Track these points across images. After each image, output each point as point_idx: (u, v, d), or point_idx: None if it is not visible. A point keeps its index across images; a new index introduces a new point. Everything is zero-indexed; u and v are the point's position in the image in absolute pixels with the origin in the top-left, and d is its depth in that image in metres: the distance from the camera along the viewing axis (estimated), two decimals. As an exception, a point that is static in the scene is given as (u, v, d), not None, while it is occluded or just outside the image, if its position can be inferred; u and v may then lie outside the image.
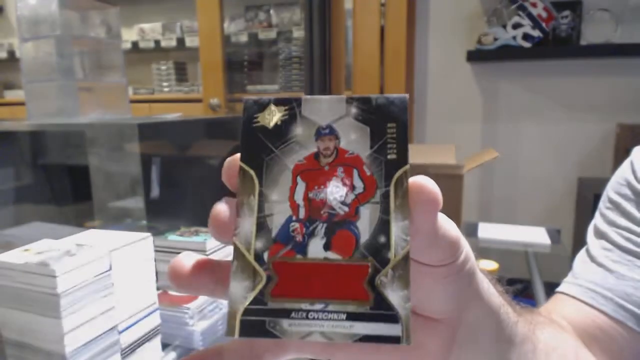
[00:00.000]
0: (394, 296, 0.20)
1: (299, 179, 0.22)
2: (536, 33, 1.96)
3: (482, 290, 0.26)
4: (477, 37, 2.06)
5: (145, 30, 2.98)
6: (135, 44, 2.94)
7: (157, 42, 2.92)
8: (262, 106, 0.23)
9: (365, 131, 0.22)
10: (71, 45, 1.23)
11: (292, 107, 0.23)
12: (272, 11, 2.62)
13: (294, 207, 0.21)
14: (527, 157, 2.13)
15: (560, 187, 2.10)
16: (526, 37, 1.97)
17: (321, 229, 0.21)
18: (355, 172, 0.22)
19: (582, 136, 2.05)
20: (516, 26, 1.97)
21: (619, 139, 1.94)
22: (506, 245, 1.40)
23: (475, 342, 0.27)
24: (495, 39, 2.01)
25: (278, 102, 0.23)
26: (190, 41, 2.84)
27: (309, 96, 0.23)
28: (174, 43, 2.90)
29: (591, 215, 0.56)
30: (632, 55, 1.90)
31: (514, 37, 1.98)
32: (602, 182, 0.59)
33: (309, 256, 0.21)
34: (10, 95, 3.35)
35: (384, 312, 0.20)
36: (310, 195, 0.22)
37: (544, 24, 1.95)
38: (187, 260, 0.22)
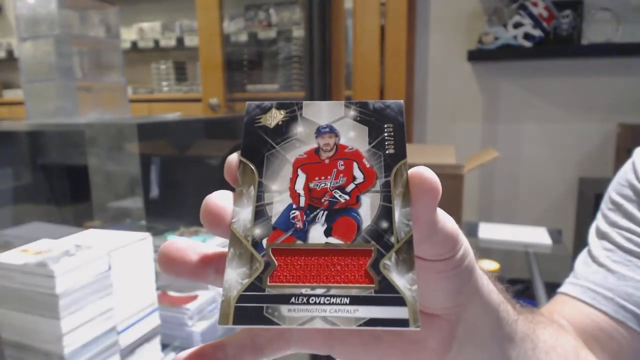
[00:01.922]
0: (400, 279, 0.19)
1: (299, 171, 0.22)
2: (537, 32, 1.95)
3: (481, 287, 0.26)
4: (477, 37, 2.06)
5: (144, 30, 2.97)
6: (134, 44, 2.94)
7: (156, 41, 2.91)
8: (264, 109, 0.24)
9: (364, 130, 0.23)
10: (70, 45, 1.23)
11: (293, 110, 0.24)
12: (271, 10, 2.62)
13: (295, 196, 0.21)
14: (528, 157, 2.13)
15: (561, 187, 2.10)
16: (527, 36, 1.97)
17: (322, 216, 0.21)
18: (355, 165, 0.22)
19: (583, 136, 2.04)
20: (517, 25, 1.97)
21: (620, 139, 1.94)
22: (507, 246, 1.39)
23: (474, 338, 0.27)
24: (496, 39, 2.01)
25: (280, 106, 0.24)
26: (190, 40, 2.83)
27: (309, 101, 0.24)
28: (173, 42, 2.90)
29: (592, 216, 0.55)
30: (634, 55, 1.90)
31: (515, 37, 1.98)
32: (604, 182, 0.59)
33: (309, 242, 0.20)
34: (9, 95, 3.34)
35: (390, 295, 0.19)
36: (311, 185, 0.22)
37: (544, 23, 1.95)
38: (181, 245, 0.21)
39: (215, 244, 0.78)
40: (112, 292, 0.64)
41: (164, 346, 0.75)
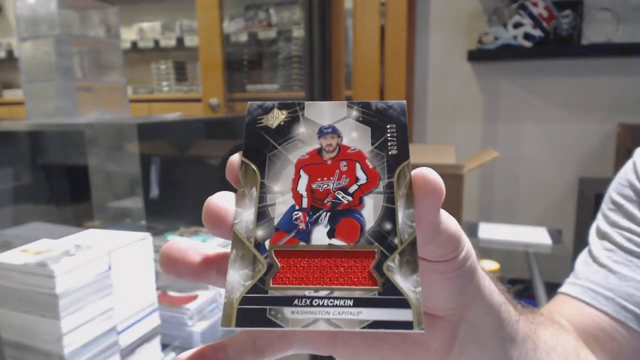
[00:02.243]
0: (403, 281, 0.19)
1: (301, 171, 0.22)
2: (537, 32, 1.95)
3: (483, 288, 0.26)
4: (477, 37, 2.06)
5: (144, 30, 2.97)
6: (134, 44, 2.94)
7: (156, 41, 2.91)
8: (266, 109, 0.24)
9: (367, 130, 0.23)
10: (70, 45, 1.23)
11: (295, 110, 0.24)
12: (271, 10, 2.62)
13: (297, 197, 0.21)
14: (528, 157, 2.13)
15: (561, 187, 2.10)
16: (527, 36, 1.97)
17: (325, 217, 0.21)
18: (357, 165, 0.22)
19: (583, 136, 2.04)
20: (517, 25, 1.97)
21: (620, 139, 1.94)
22: (507, 246, 1.39)
23: (476, 339, 0.27)
24: (496, 39, 2.01)
25: (282, 106, 0.24)
26: (190, 40, 2.83)
27: (311, 101, 0.24)
28: (173, 42, 2.90)
29: (592, 216, 0.55)
30: (634, 55, 1.90)
31: (515, 37, 1.98)
32: (604, 182, 0.59)
33: (312, 243, 0.20)
34: (9, 95, 3.34)
35: (393, 297, 0.19)
36: (314, 186, 0.22)
37: (544, 23, 1.95)
38: (183, 245, 0.21)
39: (216, 244, 0.78)
40: (112, 292, 0.64)
41: (164, 346, 0.75)
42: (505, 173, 2.16)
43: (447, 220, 0.22)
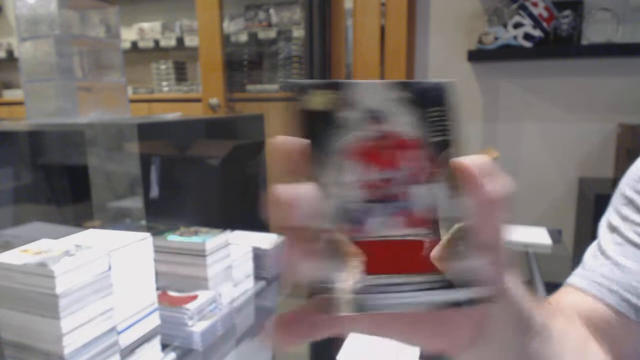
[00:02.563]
0: (466, 265, 0.21)
1: (356, 160, 0.22)
2: (537, 32, 1.95)
3: None
4: (477, 37, 2.06)
5: (144, 30, 2.97)
6: (134, 44, 2.94)
7: (156, 41, 2.91)
8: (309, 88, 0.22)
9: (414, 115, 0.23)
10: (70, 45, 1.23)
11: (339, 92, 0.22)
12: (271, 10, 2.62)
13: (354, 188, 0.22)
14: (528, 157, 2.13)
15: (561, 187, 2.10)
16: (527, 36, 1.97)
17: (388, 207, 0.22)
18: (408, 154, 0.22)
19: (583, 136, 2.04)
20: (517, 26, 1.97)
21: (620, 139, 1.94)
22: (507, 246, 1.39)
23: (498, 330, 0.28)
24: (496, 39, 2.00)
25: (326, 86, 0.23)
26: (190, 40, 2.83)
27: (356, 80, 0.23)
28: (173, 42, 2.90)
29: (592, 216, 0.56)
30: (634, 55, 1.90)
31: (515, 37, 1.98)
32: (604, 182, 0.59)
33: (382, 234, 0.22)
34: (9, 95, 3.34)
35: (459, 280, 0.21)
36: (370, 176, 0.22)
37: (545, 24, 1.95)
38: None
39: (214, 245, 0.77)
40: (112, 292, 0.64)
41: (164, 346, 0.75)
42: (505, 173, 2.15)
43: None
